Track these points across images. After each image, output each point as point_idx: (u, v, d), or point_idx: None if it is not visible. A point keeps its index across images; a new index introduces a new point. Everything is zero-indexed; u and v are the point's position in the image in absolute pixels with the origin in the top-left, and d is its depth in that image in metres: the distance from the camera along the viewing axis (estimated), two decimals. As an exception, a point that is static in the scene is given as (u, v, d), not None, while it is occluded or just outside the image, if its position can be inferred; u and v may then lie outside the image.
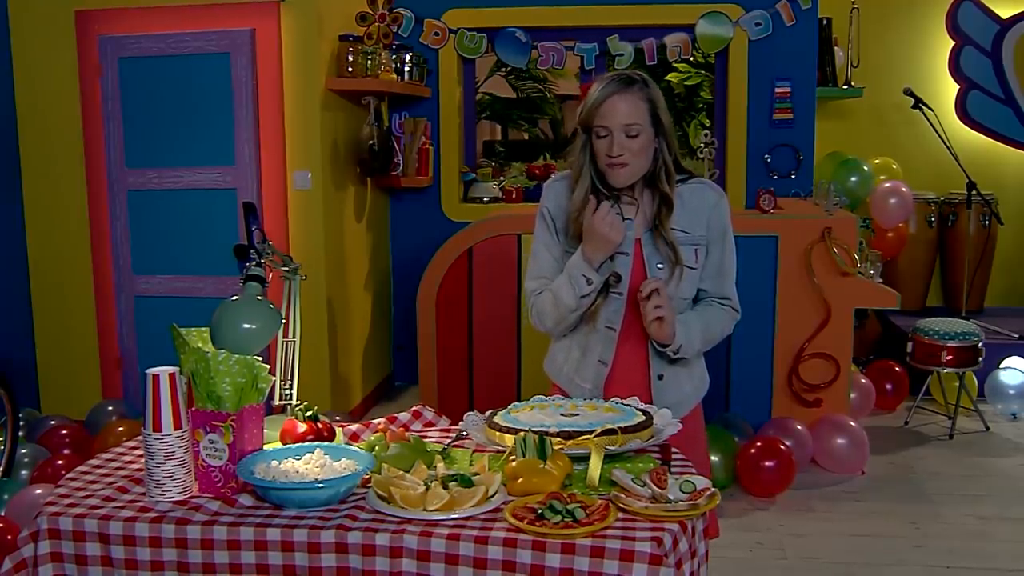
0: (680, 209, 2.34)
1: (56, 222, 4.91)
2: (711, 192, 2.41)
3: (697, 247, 2.37)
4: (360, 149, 5.07)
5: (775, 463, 4.02)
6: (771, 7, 5.45)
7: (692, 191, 2.38)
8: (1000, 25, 6.13)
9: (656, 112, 2.30)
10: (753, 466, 4.04)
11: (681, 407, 2.50)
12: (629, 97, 2.26)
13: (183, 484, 2.01)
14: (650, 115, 2.28)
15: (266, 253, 2.43)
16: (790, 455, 4.06)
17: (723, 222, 2.40)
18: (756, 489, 4.07)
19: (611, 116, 2.25)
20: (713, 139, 5.47)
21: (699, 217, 2.37)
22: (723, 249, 2.42)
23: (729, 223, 2.41)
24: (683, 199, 2.36)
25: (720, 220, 2.39)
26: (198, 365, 2.05)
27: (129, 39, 4.70)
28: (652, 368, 2.49)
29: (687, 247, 2.36)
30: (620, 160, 2.27)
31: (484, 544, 1.79)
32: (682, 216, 2.35)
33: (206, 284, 4.75)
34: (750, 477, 4.06)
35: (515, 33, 5.62)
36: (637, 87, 2.28)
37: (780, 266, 4.35)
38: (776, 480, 4.04)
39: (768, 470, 4.02)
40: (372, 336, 5.57)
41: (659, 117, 2.31)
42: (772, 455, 4.03)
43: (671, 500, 1.92)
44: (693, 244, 2.37)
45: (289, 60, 4.63)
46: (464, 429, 2.40)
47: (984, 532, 3.73)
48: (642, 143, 2.27)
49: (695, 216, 2.37)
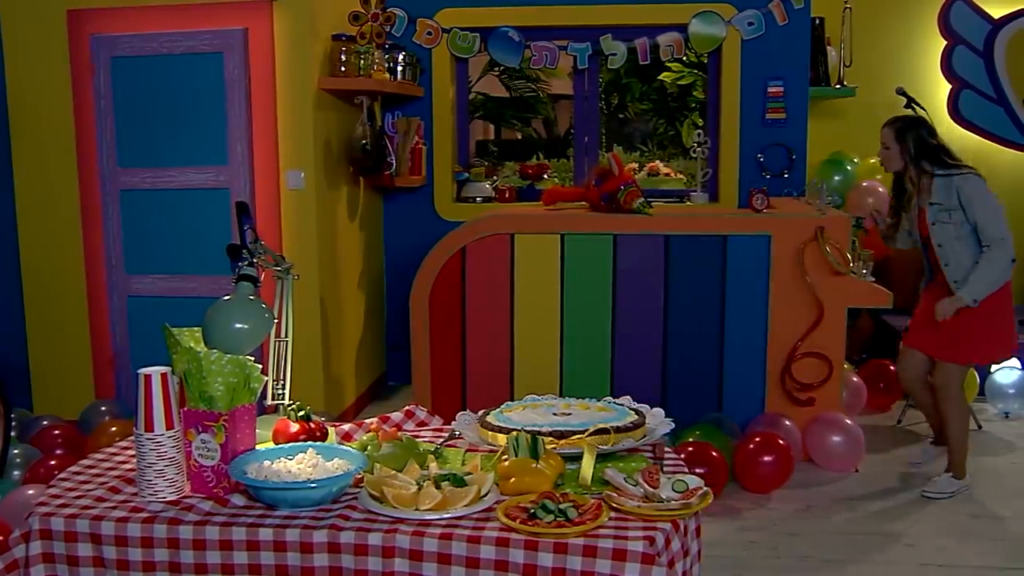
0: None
1: (48, 222, 4.90)
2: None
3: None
4: (353, 149, 5.07)
5: (773, 458, 4.02)
6: (764, 7, 5.46)
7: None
8: (992, 25, 6.14)
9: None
10: (751, 461, 4.04)
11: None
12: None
13: (175, 484, 2.01)
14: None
15: (258, 253, 2.43)
16: (788, 450, 4.07)
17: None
18: (754, 485, 4.07)
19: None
20: (706, 138, 5.49)
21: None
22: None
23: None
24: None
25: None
26: (190, 365, 2.05)
27: (121, 38, 4.69)
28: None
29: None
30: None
31: (477, 544, 1.79)
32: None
33: (199, 284, 4.74)
34: (748, 473, 4.05)
35: (508, 32, 5.62)
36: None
37: (773, 265, 4.35)
38: (774, 475, 4.04)
39: (766, 465, 4.02)
40: (365, 336, 5.57)
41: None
42: (770, 450, 4.03)
43: (663, 499, 1.92)
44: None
45: (282, 59, 4.63)
46: (457, 429, 2.40)
47: (976, 531, 3.74)
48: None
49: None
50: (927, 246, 4.14)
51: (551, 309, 4.47)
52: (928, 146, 4.07)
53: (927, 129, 4.11)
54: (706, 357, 4.47)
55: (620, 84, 12.77)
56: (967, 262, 3.97)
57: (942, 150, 4.08)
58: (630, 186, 4.51)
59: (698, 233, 4.41)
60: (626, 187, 4.49)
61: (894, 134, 4.12)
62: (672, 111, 12.79)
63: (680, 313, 4.44)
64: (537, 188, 6.06)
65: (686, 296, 4.43)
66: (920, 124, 4.13)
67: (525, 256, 4.45)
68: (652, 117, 13.43)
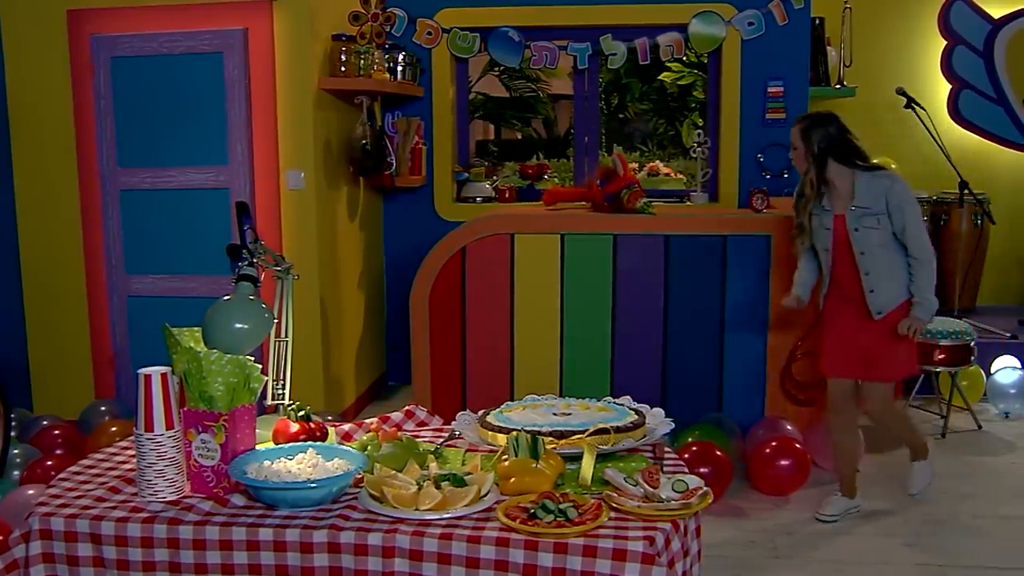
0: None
1: (48, 222, 4.89)
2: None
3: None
4: (353, 149, 5.07)
5: (791, 462, 4.02)
6: (764, 7, 5.46)
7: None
8: (992, 25, 6.15)
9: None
10: (768, 464, 4.03)
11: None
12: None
13: (175, 484, 2.01)
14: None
15: (258, 253, 2.43)
16: (805, 454, 4.06)
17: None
18: (769, 488, 4.07)
19: None
20: (706, 138, 5.49)
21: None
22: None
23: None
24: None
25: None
26: (190, 365, 2.05)
27: (121, 38, 4.68)
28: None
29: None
30: None
31: (477, 544, 1.79)
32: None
33: (199, 284, 4.74)
34: (763, 476, 4.05)
35: (508, 32, 5.62)
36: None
37: (773, 265, 4.35)
38: (790, 479, 4.04)
39: (784, 468, 4.02)
40: (365, 336, 5.56)
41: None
42: (787, 454, 4.03)
43: (663, 499, 1.92)
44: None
45: (282, 59, 4.63)
46: (457, 429, 2.40)
47: (976, 530, 3.74)
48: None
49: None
50: (837, 254, 3.70)
51: (551, 309, 4.47)
52: (836, 145, 3.63)
53: (837, 126, 3.67)
54: (706, 357, 4.47)
55: (620, 84, 12.76)
56: (885, 271, 3.62)
57: (851, 150, 3.65)
58: (634, 187, 4.51)
59: (698, 233, 4.41)
60: (630, 187, 4.50)
61: (799, 132, 3.68)
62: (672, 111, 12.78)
63: (680, 313, 4.44)
64: (537, 188, 6.06)
65: (686, 296, 4.43)
66: (829, 121, 3.67)
67: (525, 256, 4.45)
68: (652, 117, 13.43)
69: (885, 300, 3.65)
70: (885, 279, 3.63)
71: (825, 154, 3.62)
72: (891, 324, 3.65)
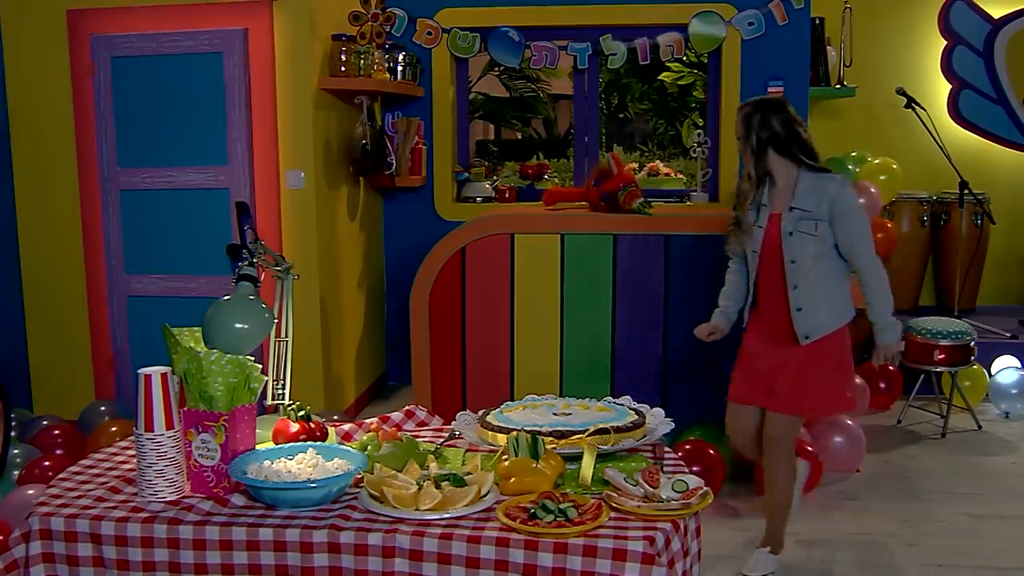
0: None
1: (48, 222, 4.89)
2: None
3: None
4: (353, 149, 5.07)
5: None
6: (764, 7, 5.46)
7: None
8: (992, 25, 6.15)
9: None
10: None
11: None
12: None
13: (175, 484, 2.01)
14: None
15: (258, 253, 2.43)
16: (817, 456, 4.05)
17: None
18: None
19: None
20: (706, 138, 5.49)
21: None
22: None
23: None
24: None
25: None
26: (190, 365, 2.05)
27: (121, 38, 4.68)
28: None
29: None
30: None
31: (477, 543, 1.79)
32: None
33: (199, 284, 4.74)
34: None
35: (508, 32, 5.62)
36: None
37: (773, 265, 4.35)
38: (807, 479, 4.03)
39: None
40: (365, 336, 5.56)
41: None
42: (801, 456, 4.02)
43: (663, 499, 1.92)
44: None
45: (282, 59, 4.63)
46: (457, 428, 2.40)
47: (976, 530, 3.74)
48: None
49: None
50: (765, 257, 3.24)
51: (551, 309, 4.46)
52: (778, 135, 3.18)
53: (784, 115, 3.21)
54: (706, 357, 4.46)
55: (620, 84, 12.77)
56: (815, 288, 3.14)
57: (797, 143, 3.20)
58: (629, 186, 4.50)
59: (698, 233, 4.41)
60: (625, 187, 4.48)
61: (741, 119, 3.25)
62: (672, 111, 12.78)
63: (680, 313, 4.43)
64: (537, 188, 6.06)
65: (686, 296, 4.42)
66: (775, 108, 3.23)
67: (525, 256, 4.45)
68: (652, 117, 13.43)
69: (814, 324, 3.16)
70: (816, 296, 3.14)
71: (765, 144, 3.18)
72: (820, 352, 3.18)
